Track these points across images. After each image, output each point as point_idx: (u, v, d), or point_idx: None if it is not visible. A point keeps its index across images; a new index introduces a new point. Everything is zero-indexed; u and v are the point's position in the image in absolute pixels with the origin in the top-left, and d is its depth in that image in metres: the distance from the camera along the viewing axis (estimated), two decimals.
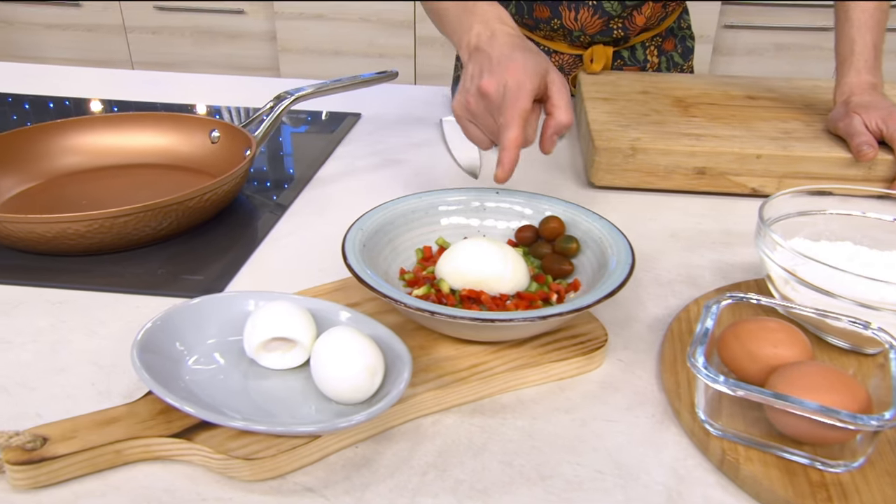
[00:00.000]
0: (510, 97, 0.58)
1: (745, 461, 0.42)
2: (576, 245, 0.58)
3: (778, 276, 0.54)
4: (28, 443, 0.42)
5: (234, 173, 0.69)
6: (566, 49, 1.09)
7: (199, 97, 1.11)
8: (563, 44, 1.08)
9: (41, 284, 0.61)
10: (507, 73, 0.59)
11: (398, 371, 0.45)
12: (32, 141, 0.78)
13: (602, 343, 0.52)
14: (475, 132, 0.64)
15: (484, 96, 0.60)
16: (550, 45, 1.10)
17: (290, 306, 0.48)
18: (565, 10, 1.03)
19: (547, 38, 1.09)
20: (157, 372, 0.45)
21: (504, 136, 0.58)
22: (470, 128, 0.64)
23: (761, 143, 0.79)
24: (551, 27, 1.06)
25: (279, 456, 0.42)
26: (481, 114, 0.61)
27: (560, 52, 1.09)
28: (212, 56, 2.98)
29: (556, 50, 1.10)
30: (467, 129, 0.64)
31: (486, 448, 0.45)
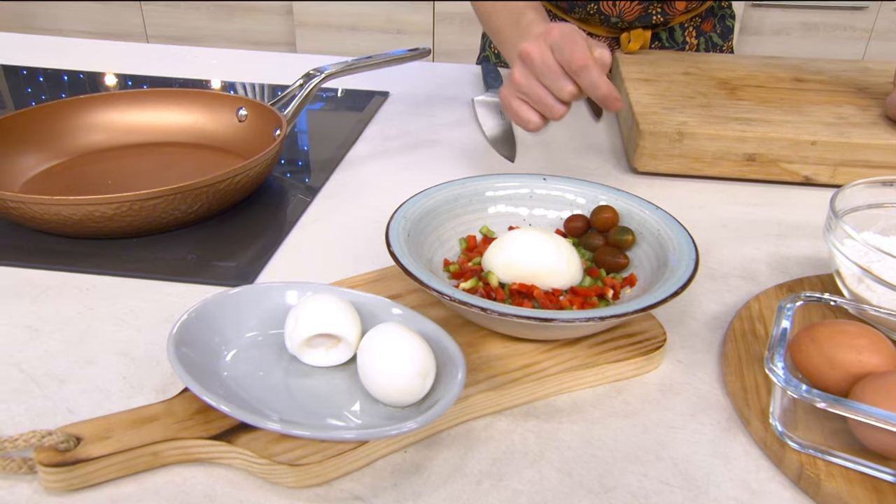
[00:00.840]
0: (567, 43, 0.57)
1: (826, 477, 0.39)
2: (631, 237, 0.54)
3: (850, 273, 0.50)
4: (61, 443, 0.39)
5: (266, 154, 0.66)
6: (602, 32, 1.05)
7: (218, 72, 1.07)
8: (598, 27, 1.04)
9: (67, 269, 0.59)
10: (548, 34, 0.58)
11: (450, 372, 0.42)
12: (54, 118, 0.76)
13: (661, 343, 0.49)
14: (525, 111, 0.61)
15: (527, 60, 0.59)
16: (585, 27, 1.05)
17: (335, 300, 0.45)
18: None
19: (582, 21, 1.05)
20: (193, 367, 0.42)
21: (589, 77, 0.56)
22: (520, 107, 0.61)
23: (816, 128, 0.75)
24: (587, 11, 1.01)
25: (326, 462, 0.40)
26: (528, 83, 0.59)
27: (595, 34, 1.05)
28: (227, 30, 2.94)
29: (591, 32, 1.05)
30: (518, 108, 0.61)
31: (543, 455, 0.42)
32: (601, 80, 0.57)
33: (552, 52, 0.58)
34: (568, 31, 0.57)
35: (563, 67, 0.57)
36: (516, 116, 0.61)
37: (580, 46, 0.56)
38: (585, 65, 0.56)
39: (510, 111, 0.62)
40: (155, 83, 1.03)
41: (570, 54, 0.56)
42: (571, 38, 0.57)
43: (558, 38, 0.57)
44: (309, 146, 0.86)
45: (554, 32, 0.58)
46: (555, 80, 0.58)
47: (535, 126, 0.61)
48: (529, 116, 0.61)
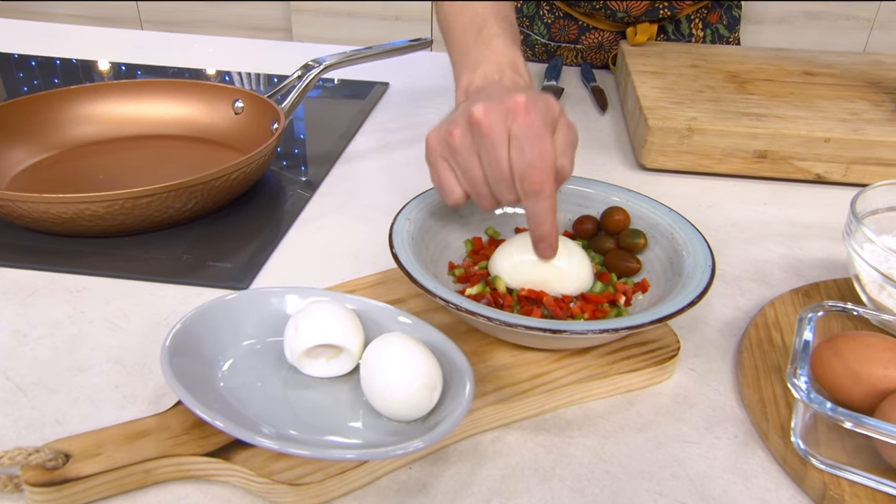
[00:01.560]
0: (533, 147, 0.44)
1: (851, 498, 0.37)
2: (643, 240, 0.53)
3: (870, 280, 0.49)
4: (49, 460, 0.37)
5: (264, 149, 0.64)
6: (607, 26, 1.02)
7: (214, 61, 1.05)
8: (603, 21, 1.02)
9: (57, 269, 0.56)
10: (516, 105, 0.45)
11: (457, 386, 0.40)
12: (44, 109, 0.73)
13: (674, 352, 0.47)
14: (448, 177, 0.49)
15: (477, 127, 0.45)
16: (590, 21, 1.03)
17: (336, 308, 0.43)
18: None
19: (587, 15, 1.03)
20: (188, 379, 0.40)
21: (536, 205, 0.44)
22: (442, 169, 0.49)
23: (829, 125, 0.73)
24: (593, 6, 0.99)
25: (327, 481, 0.38)
26: (464, 151, 0.47)
27: (600, 28, 1.03)
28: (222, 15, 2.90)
29: (596, 27, 1.03)
30: (439, 169, 0.49)
31: (555, 472, 0.41)
32: (547, 217, 0.45)
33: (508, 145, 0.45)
34: (534, 120, 0.44)
35: (514, 173, 0.45)
36: (439, 181, 0.49)
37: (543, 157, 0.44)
38: (540, 191, 0.44)
39: (433, 168, 0.49)
40: (149, 71, 1.00)
41: (527, 167, 0.44)
42: (538, 136, 0.44)
43: (522, 130, 0.44)
44: (307, 138, 0.84)
45: (519, 115, 0.44)
46: (497, 183, 0.46)
47: (456, 202, 0.49)
48: (454, 189, 0.49)
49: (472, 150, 0.47)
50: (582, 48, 1.05)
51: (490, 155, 0.45)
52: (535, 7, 1.06)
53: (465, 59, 0.58)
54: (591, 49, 1.05)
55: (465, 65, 0.57)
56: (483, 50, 0.57)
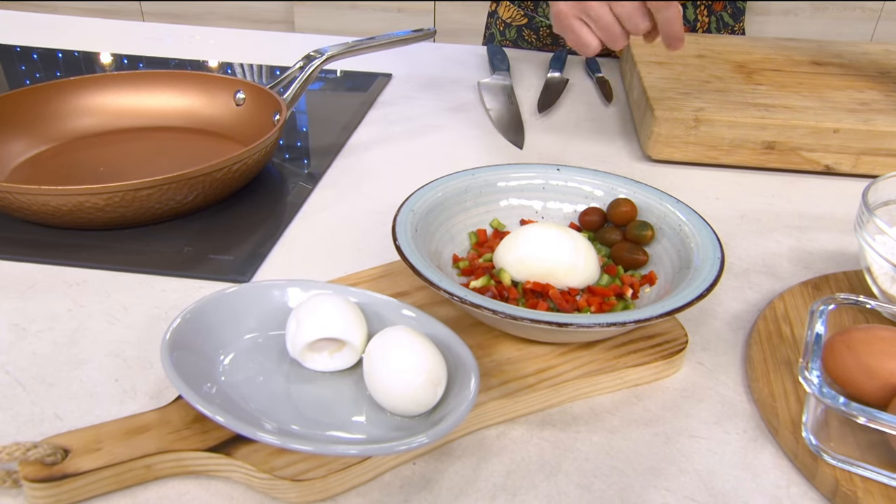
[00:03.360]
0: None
1: (864, 494, 0.37)
2: (651, 232, 0.52)
3: (882, 272, 0.48)
4: (48, 456, 0.37)
5: (266, 141, 0.63)
6: None
7: (215, 52, 1.04)
8: None
9: (56, 262, 0.56)
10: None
11: (461, 380, 0.40)
12: (43, 101, 0.72)
13: (682, 346, 0.47)
14: (584, 31, 0.60)
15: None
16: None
17: (339, 301, 0.42)
18: None
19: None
20: (188, 373, 0.40)
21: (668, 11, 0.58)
22: (582, 29, 0.60)
23: (838, 115, 0.72)
24: None
25: (330, 477, 0.37)
26: (600, 9, 0.59)
27: None
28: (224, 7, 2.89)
29: None
30: (580, 30, 0.60)
31: (560, 468, 0.40)
32: (678, 19, 0.58)
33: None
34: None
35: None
36: (576, 37, 0.60)
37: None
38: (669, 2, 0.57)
39: (568, 30, 0.60)
40: (151, 63, 0.99)
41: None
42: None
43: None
44: (309, 130, 0.83)
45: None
46: (631, 17, 0.59)
47: (593, 51, 0.61)
48: (590, 41, 0.60)
49: (603, 3, 0.58)
50: None
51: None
52: None
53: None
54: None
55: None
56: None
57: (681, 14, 0.59)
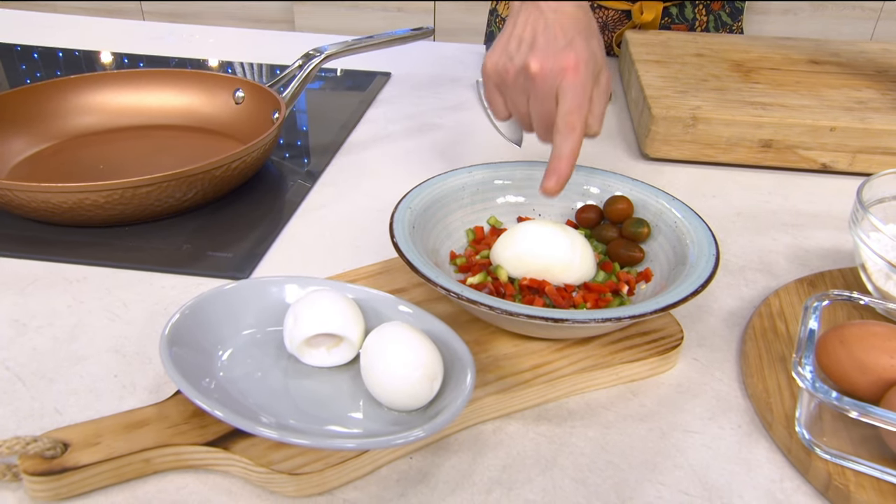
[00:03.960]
0: (575, 98, 0.50)
1: (856, 488, 0.37)
2: (647, 229, 0.52)
3: (876, 269, 0.48)
4: (48, 450, 0.37)
5: (265, 139, 0.64)
6: (615, 4, 1.01)
7: (215, 51, 1.04)
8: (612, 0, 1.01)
9: (56, 259, 0.56)
10: (567, 64, 0.50)
11: (458, 375, 0.40)
12: (44, 99, 0.73)
13: (678, 342, 0.47)
14: (499, 100, 0.56)
15: (530, 77, 0.51)
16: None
17: (337, 297, 0.43)
18: None
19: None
20: (187, 368, 0.40)
21: (564, 143, 0.50)
22: (495, 95, 0.56)
23: (835, 113, 0.72)
24: None
25: (327, 470, 0.38)
26: (516, 89, 0.54)
27: (606, 7, 1.02)
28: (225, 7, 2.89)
29: (602, 4, 1.02)
30: (492, 94, 0.56)
31: (556, 462, 0.40)
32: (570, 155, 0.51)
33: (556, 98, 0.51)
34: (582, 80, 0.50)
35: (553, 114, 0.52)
36: (489, 99, 0.57)
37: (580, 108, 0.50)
38: (572, 129, 0.50)
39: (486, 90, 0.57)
40: (151, 62, 1.00)
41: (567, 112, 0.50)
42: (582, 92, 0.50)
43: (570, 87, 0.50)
44: (308, 128, 0.83)
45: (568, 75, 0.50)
46: (540, 125, 0.54)
47: (500, 118, 0.58)
48: (502, 111, 0.57)
49: (523, 92, 0.53)
50: None
51: (538, 102, 0.52)
52: None
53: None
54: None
55: None
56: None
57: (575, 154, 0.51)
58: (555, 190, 0.51)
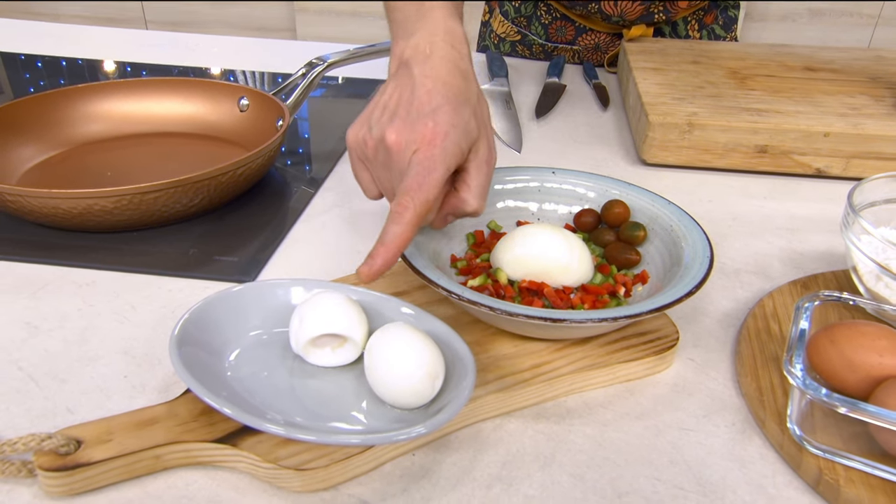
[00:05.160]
0: (417, 176, 0.45)
1: (846, 483, 0.38)
2: (643, 233, 0.53)
3: (867, 271, 0.49)
4: (61, 446, 0.38)
5: (269, 146, 0.65)
6: (603, 28, 1.03)
7: (218, 60, 1.06)
8: (600, 23, 1.03)
9: (66, 263, 0.57)
10: (424, 136, 0.46)
11: (459, 374, 0.41)
12: (52, 107, 0.74)
13: (673, 342, 0.48)
14: (364, 176, 0.52)
15: (387, 150, 0.48)
16: (586, 23, 1.04)
17: (341, 299, 0.44)
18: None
19: (583, 17, 1.03)
20: (196, 368, 0.41)
21: (389, 228, 0.45)
22: (359, 168, 0.52)
23: (829, 119, 0.73)
24: (588, 10, 1.00)
25: (332, 466, 0.39)
26: (377, 162, 0.50)
27: (596, 30, 1.03)
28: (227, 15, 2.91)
29: (592, 28, 1.04)
30: (356, 167, 0.53)
31: (555, 459, 0.41)
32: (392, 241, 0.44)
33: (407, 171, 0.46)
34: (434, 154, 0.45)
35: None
36: (355, 173, 0.53)
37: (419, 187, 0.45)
38: (398, 214, 0.44)
39: (352, 166, 0.53)
40: (154, 71, 1.01)
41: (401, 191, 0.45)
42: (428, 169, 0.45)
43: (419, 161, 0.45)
44: (311, 135, 0.84)
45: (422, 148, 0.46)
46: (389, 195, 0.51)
47: (371, 197, 0.54)
48: (369, 188, 0.53)
49: (384, 165, 0.49)
50: (579, 49, 1.06)
51: (398, 179, 0.47)
52: (532, 7, 1.07)
53: (403, 26, 0.53)
54: (588, 50, 1.06)
55: (400, 32, 0.53)
56: (420, 19, 0.52)
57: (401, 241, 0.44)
58: (366, 278, 0.44)
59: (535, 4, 1.06)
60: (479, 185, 0.48)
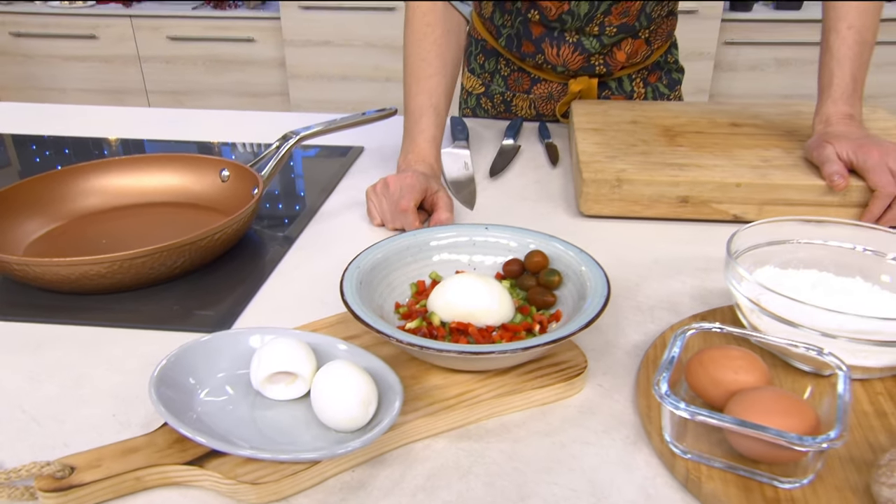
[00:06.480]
0: (404, 192, 0.80)
1: (706, 479, 0.46)
2: (558, 277, 0.62)
3: (745, 305, 0.58)
4: (58, 472, 0.47)
5: (243, 213, 0.74)
6: (553, 78, 1.14)
7: (212, 133, 1.16)
8: (550, 73, 1.14)
9: (65, 322, 0.66)
10: (404, 179, 0.82)
11: (390, 401, 0.50)
12: (54, 185, 0.84)
13: (581, 370, 0.56)
14: (371, 208, 0.85)
15: (386, 186, 0.83)
16: (539, 73, 1.15)
17: (292, 342, 0.53)
18: (548, 46, 1.08)
19: (535, 68, 1.14)
20: (171, 404, 0.50)
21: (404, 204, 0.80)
22: (370, 204, 0.85)
23: (741, 171, 0.83)
24: (536, 61, 1.11)
25: (282, 480, 0.47)
26: (380, 195, 0.83)
27: (548, 80, 1.15)
28: (223, 83, 3.06)
29: (545, 78, 1.15)
30: (368, 204, 0.85)
31: (471, 471, 0.49)
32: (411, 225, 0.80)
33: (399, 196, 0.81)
34: (405, 195, 0.80)
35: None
36: (368, 207, 0.86)
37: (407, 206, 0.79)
38: (405, 209, 0.79)
39: (367, 202, 0.86)
40: (153, 146, 1.12)
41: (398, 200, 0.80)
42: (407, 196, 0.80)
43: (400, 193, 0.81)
44: (288, 198, 0.94)
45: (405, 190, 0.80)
46: (394, 219, 0.82)
47: (374, 224, 0.85)
48: (374, 216, 0.85)
49: (382, 197, 0.83)
50: (534, 97, 1.17)
51: (390, 203, 0.82)
52: (494, 64, 1.19)
53: (405, 142, 0.92)
54: (542, 98, 1.17)
55: (403, 146, 0.92)
56: (412, 143, 0.90)
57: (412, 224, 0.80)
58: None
59: (496, 60, 1.18)
60: (445, 204, 0.82)
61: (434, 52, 0.92)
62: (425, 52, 0.92)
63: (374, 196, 0.84)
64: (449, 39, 0.93)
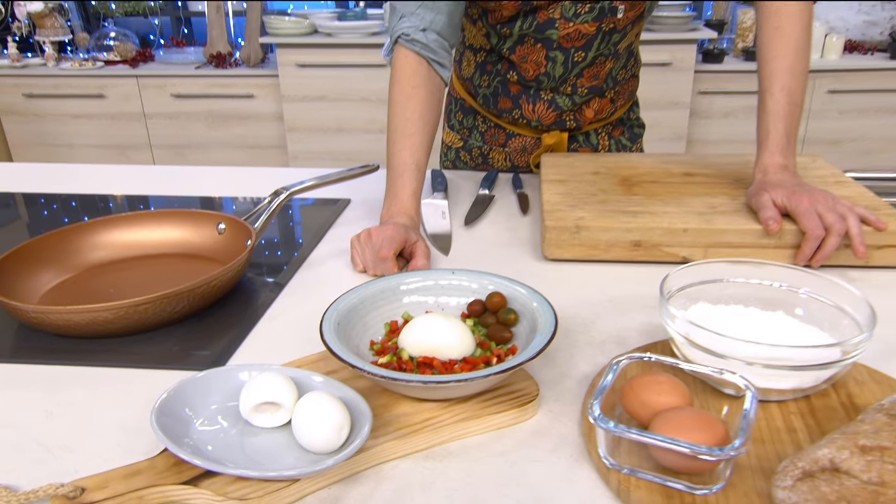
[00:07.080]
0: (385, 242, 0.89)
1: (634, 489, 0.53)
2: (514, 316, 0.70)
3: (677, 339, 0.65)
4: (70, 492, 0.54)
5: (236, 263, 0.83)
6: (527, 132, 1.23)
7: (212, 187, 1.26)
8: (525, 128, 1.23)
9: (76, 364, 0.74)
10: (385, 231, 0.90)
11: (361, 425, 0.57)
12: (66, 240, 0.92)
13: (533, 397, 0.64)
14: (355, 255, 0.93)
15: (368, 236, 0.91)
16: (514, 128, 1.24)
17: (275, 376, 0.60)
18: (525, 103, 1.18)
19: (511, 124, 1.24)
20: (170, 432, 0.57)
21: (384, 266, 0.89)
22: (355, 252, 0.93)
23: (689, 217, 0.91)
24: (513, 116, 1.21)
25: (266, 497, 0.54)
26: (363, 244, 0.91)
27: (522, 134, 1.24)
28: (225, 137, 3.18)
29: (519, 133, 1.24)
30: (352, 251, 0.93)
31: (433, 486, 0.56)
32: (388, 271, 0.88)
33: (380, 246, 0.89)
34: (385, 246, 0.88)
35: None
36: (352, 255, 0.93)
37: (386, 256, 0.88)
38: (385, 258, 0.88)
39: (352, 250, 0.93)
40: (157, 201, 1.21)
41: (379, 249, 0.89)
42: (388, 246, 0.88)
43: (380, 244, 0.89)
44: (280, 247, 1.03)
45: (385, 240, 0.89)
46: (374, 265, 0.90)
47: (357, 270, 0.93)
48: (357, 263, 0.93)
49: (365, 246, 0.91)
50: (509, 150, 1.27)
51: (372, 252, 0.90)
52: (472, 120, 1.29)
53: (388, 195, 1.00)
54: (517, 151, 1.26)
55: (386, 197, 1.01)
56: (394, 197, 0.99)
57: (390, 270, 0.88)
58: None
59: (474, 117, 1.28)
60: (422, 252, 0.91)
61: (418, 112, 1.01)
62: (410, 112, 1.01)
63: (357, 245, 0.92)
64: (431, 100, 1.03)
